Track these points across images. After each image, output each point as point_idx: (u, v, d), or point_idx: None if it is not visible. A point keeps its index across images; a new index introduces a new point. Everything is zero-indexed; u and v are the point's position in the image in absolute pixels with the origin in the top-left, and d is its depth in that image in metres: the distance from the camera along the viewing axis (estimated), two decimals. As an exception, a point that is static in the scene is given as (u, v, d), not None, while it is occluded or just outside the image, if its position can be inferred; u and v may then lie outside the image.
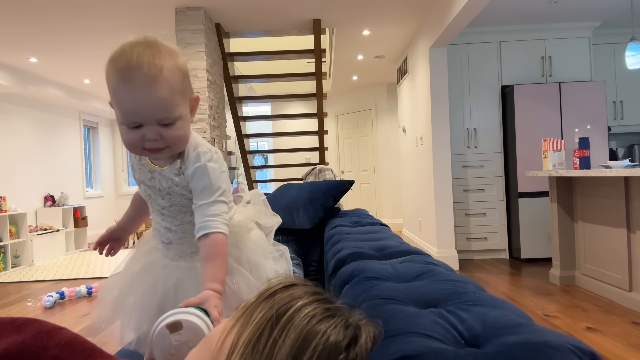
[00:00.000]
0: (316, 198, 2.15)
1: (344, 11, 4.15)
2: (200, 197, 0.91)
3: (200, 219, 0.90)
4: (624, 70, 4.93)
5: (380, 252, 1.21)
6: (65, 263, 5.71)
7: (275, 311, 0.48)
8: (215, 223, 0.89)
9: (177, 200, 0.96)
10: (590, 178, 3.30)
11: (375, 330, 0.51)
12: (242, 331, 0.48)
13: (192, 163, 0.92)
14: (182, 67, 0.87)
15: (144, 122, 0.83)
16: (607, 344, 2.36)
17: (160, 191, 0.96)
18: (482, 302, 0.65)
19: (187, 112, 0.89)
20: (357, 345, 0.48)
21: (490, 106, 4.79)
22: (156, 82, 0.80)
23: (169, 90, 0.82)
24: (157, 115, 0.83)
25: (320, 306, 0.49)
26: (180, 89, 0.85)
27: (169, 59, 0.83)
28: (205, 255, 0.87)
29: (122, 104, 0.82)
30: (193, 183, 0.93)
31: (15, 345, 0.48)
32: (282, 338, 0.45)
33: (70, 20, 4.08)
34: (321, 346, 0.45)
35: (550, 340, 0.48)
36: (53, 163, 6.83)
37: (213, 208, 0.90)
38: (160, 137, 0.85)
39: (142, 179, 0.99)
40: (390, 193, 7.52)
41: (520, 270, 4.18)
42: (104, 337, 2.85)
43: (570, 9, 4.38)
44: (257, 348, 0.45)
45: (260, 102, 7.38)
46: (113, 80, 0.81)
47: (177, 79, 0.84)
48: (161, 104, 0.82)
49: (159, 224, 1.01)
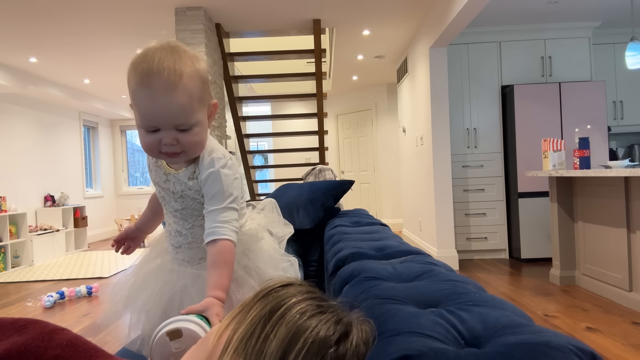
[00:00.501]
0: (316, 198, 2.15)
1: (344, 11, 4.15)
2: (211, 202, 0.92)
3: (210, 225, 0.90)
4: (624, 70, 4.93)
5: (380, 252, 1.21)
6: (65, 263, 5.71)
7: (269, 308, 0.49)
8: (225, 230, 0.89)
9: (190, 203, 0.97)
10: (590, 178, 3.30)
11: (368, 328, 0.51)
12: (237, 328, 0.49)
13: (205, 168, 0.93)
14: (202, 74, 0.88)
15: (161, 127, 0.85)
16: (607, 344, 2.36)
17: (173, 194, 0.97)
18: (482, 302, 0.65)
19: (204, 118, 0.90)
20: (347, 341, 0.48)
21: (490, 106, 4.79)
22: (175, 89, 0.82)
23: (187, 97, 0.83)
24: (175, 120, 0.84)
25: (313, 303, 0.50)
26: (198, 96, 0.86)
27: (189, 65, 0.84)
28: (212, 262, 0.87)
29: (141, 108, 0.84)
30: (205, 188, 0.93)
31: (17, 345, 0.49)
32: (274, 333, 0.46)
33: (70, 21, 4.08)
34: (310, 339, 0.46)
35: (550, 340, 0.48)
36: (53, 163, 6.83)
37: (223, 215, 0.91)
38: (177, 142, 0.86)
39: (157, 181, 1.00)
40: (390, 193, 7.52)
41: (520, 270, 4.18)
42: (105, 337, 2.85)
43: (570, 9, 4.38)
44: (250, 343, 0.46)
45: (260, 102, 7.38)
46: (134, 84, 0.82)
47: (196, 85, 0.85)
48: (179, 110, 0.83)
49: (170, 226, 1.02)
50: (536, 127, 4.52)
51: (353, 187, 7.86)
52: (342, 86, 7.55)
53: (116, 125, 8.76)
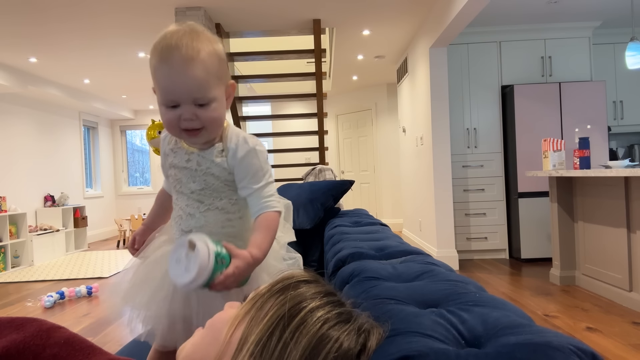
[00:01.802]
0: (316, 198, 2.15)
1: (344, 11, 4.15)
2: (252, 181, 0.95)
3: (257, 202, 0.95)
4: (624, 70, 4.93)
5: (380, 252, 1.21)
6: (65, 263, 5.71)
7: (287, 310, 0.47)
8: (272, 202, 0.95)
9: (211, 182, 0.97)
10: (590, 178, 3.30)
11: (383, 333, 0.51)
12: (252, 326, 0.48)
13: (240, 146, 0.95)
14: (220, 53, 0.90)
15: (180, 102, 0.87)
16: (607, 344, 2.36)
17: (195, 171, 0.97)
18: (482, 303, 0.65)
19: (222, 96, 0.92)
20: (366, 350, 0.48)
21: (490, 106, 4.79)
22: (192, 62, 0.85)
23: (204, 71, 0.86)
24: (193, 94, 0.87)
25: (333, 310, 0.49)
26: (215, 72, 0.89)
27: (207, 43, 0.88)
28: (257, 226, 0.92)
29: (160, 83, 0.87)
30: (242, 166, 0.95)
31: (15, 343, 0.49)
32: (294, 341, 0.45)
33: (70, 21, 4.08)
34: (333, 354, 0.45)
35: (551, 340, 0.47)
36: (53, 163, 6.83)
37: (266, 190, 0.96)
38: (196, 117, 0.88)
39: (175, 163, 1.00)
40: (390, 193, 7.52)
41: (520, 270, 4.18)
42: (104, 337, 2.85)
43: (570, 9, 4.38)
44: (268, 348, 0.45)
45: (260, 102, 7.38)
46: (154, 61, 0.86)
47: (213, 61, 0.88)
48: (196, 83, 0.86)
49: (182, 210, 1.01)
50: (536, 127, 4.52)
51: (353, 187, 7.86)
52: (342, 86, 7.55)
53: (116, 125, 8.76)
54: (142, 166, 9.29)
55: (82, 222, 6.86)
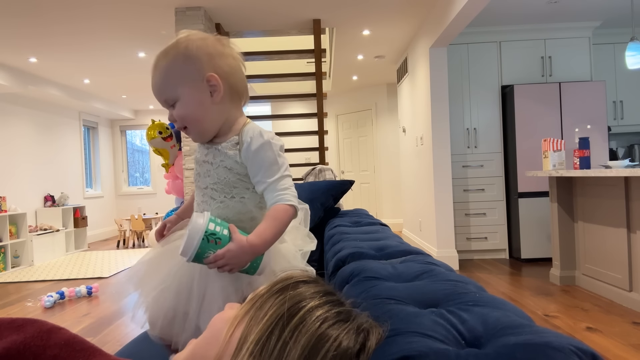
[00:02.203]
0: (316, 198, 2.15)
1: (344, 11, 4.15)
2: (267, 174, 0.94)
3: (271, 196, 0.93)
4: (624, 70, 4.93)
5: (380, 252, 1.21)
6: (65, 263, 5.71)
7: (287, 309, 0.47)
8: (287, 196, 0.93)
9: (224, 176, 0.97)
10: (590, 178, 3.30)
11: (383, 333, 0.51)
12: (251, 326, 0.48)
13: (255, 139, 0.95)
14: (188, 52, 0.91)
15: (161, 105, 0.97)
16: (607, 344, 2.36)
17: (211, 165, 0.98)
18: (482, 303, 0.65)
19: (192, 93, 0.93)
20: (366, 349, 0.48)
21: (490, 106, 4.79)
22: (154, 69, 0.93)
23: (163, 77, 0.92)
24: (158, 98, 0.95)
25: (332, 309, 0.49)
26: (178, 73, 0.91)
27: (175, 47, 0.91)
28: (265, 217, 0.92)
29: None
30: (258, 159, 0.95)
31: (15, 344, 0.49)
32: (293, 340, 0.45)
33: (70, 21, 4.08)
34: (332, 353, 0.45)
35: (551, 341, 0.47)
36: (53, 163, 6.83)
37: (282, 183, 0.95)
38: (173, 117, 0.95)
39: (197, 158, 1.03)
40: (390, 193, 7.52)
41: (520, 270, 4.18)
42: (104, 337, 2.85)
43: (570, 9, 4.38)
44: (267, 347, 0.45)
45: (260, 102, 7.38)
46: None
47: (175, 65, 0.91)
48: (156, 88, 0.94)
49: (198, 205, 1.03)
50: (536, 127, 4.52)
51: (353, 187, 7.85)
52: (342, 86, 7.55)
53: (116, 125, 8.76)
54: (142, 166, 9.28)
55: (82, 222, 6.86)
